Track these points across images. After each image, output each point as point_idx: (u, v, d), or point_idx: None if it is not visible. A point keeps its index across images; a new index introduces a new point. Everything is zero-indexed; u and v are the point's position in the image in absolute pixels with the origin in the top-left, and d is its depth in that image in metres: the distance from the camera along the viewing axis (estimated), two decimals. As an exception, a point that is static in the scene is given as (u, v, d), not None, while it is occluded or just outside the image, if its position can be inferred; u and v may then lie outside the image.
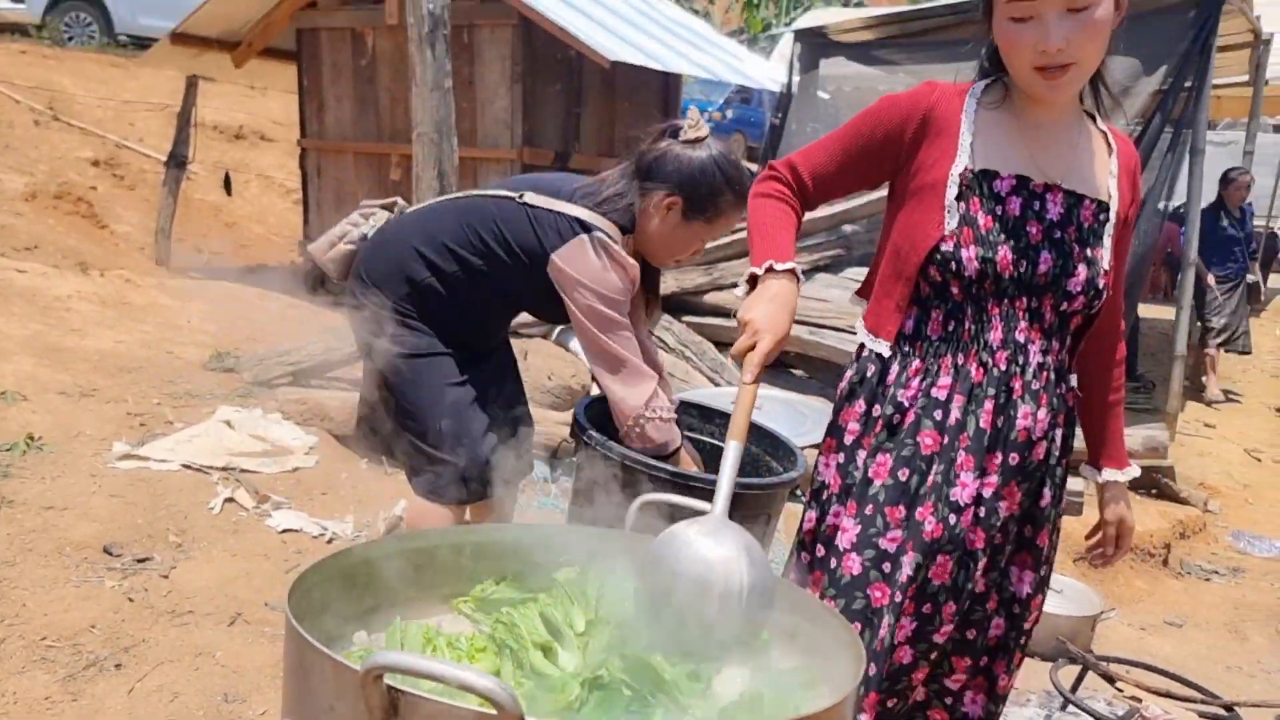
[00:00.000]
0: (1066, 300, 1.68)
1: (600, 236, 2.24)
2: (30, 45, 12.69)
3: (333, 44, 8.58)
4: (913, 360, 1.71)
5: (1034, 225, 1.66)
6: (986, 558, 1.72)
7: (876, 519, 1.69)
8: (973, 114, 1.67)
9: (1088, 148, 1.71)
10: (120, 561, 3.01)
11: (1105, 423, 1.89)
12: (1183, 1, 6.13)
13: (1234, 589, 4.75)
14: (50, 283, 5.86)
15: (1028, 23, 1.55)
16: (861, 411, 1.75)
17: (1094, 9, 1.53)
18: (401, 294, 2.34)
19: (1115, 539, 1.91)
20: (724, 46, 10.17)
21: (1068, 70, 1.57)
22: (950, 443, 1.67)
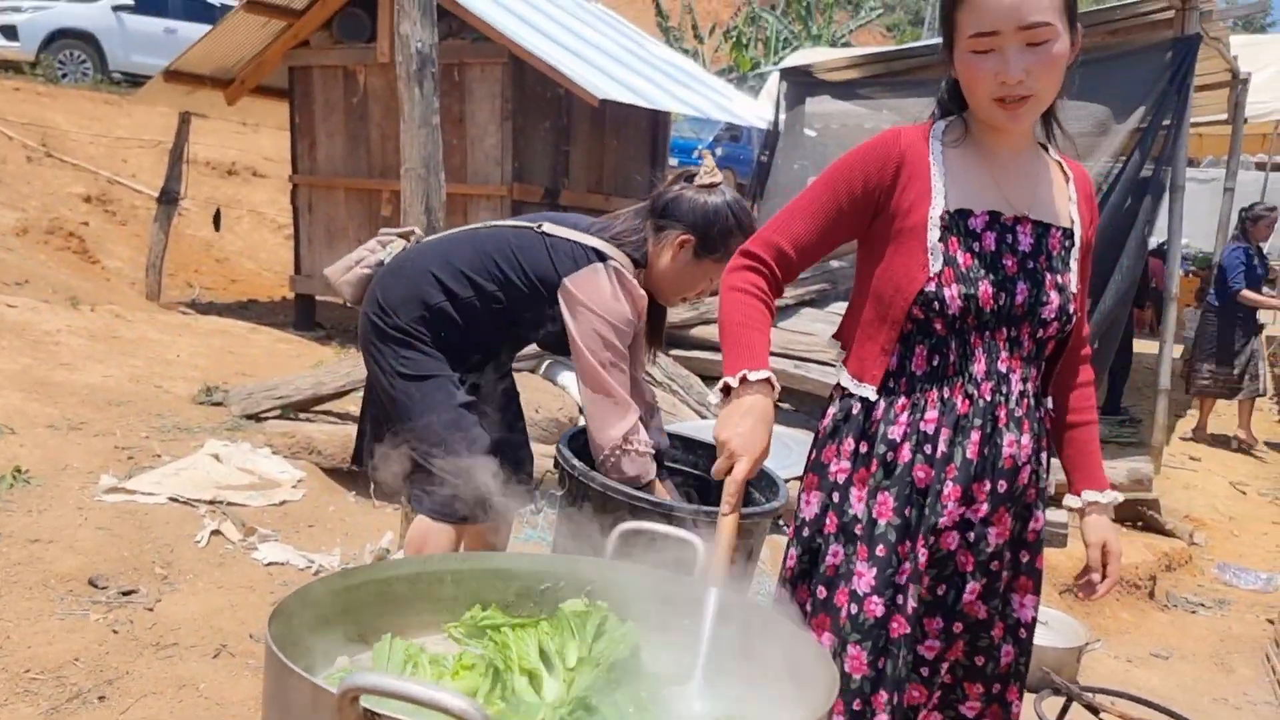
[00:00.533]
0: (1042, 328, 1.72)
1: (615, 266, 2.32)
2: (24, 82, 12.78)
3: (325, 81, 8.67)
4: (899, 397, 1.73)
5: (1009, 258, 1.70)
6: (980, 583, 1.75)
7: (891, 558, 1.70)
8: (939, 155, 1.71)
9: (1047, 177, 1.76)
10: (105, 594, 3.01)
11: (1080, 446, 1.90)
12: (1160, 43, 6.25)
13: (1220, 621, 4.77)
14: (40, 317, 5.88)
15: (988, 55, 1.59)
16: (851, 450, 1.76)
17: (1052, 43, 1.58)
18: (415, 317, 2.39)
19: (1102, 565, 1.86)
20: (712, 85, 10.31)
21: (1026, 101, 1.61)
22: (938, 475, 1.69)
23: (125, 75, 14.20)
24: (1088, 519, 1.87)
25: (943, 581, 1.74)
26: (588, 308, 2.29)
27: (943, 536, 1.70)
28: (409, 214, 3.65)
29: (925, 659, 1.76)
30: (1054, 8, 1.57)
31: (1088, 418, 1.90)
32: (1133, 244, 6.57)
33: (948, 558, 1.72)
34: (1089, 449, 1.90)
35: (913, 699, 1.78)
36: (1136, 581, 4.78)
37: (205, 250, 10.70)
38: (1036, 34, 1.56)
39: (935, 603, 1.74)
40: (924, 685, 1.77)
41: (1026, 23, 1.55)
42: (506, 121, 7.87)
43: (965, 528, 1.71)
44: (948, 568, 1.73)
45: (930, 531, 1.69)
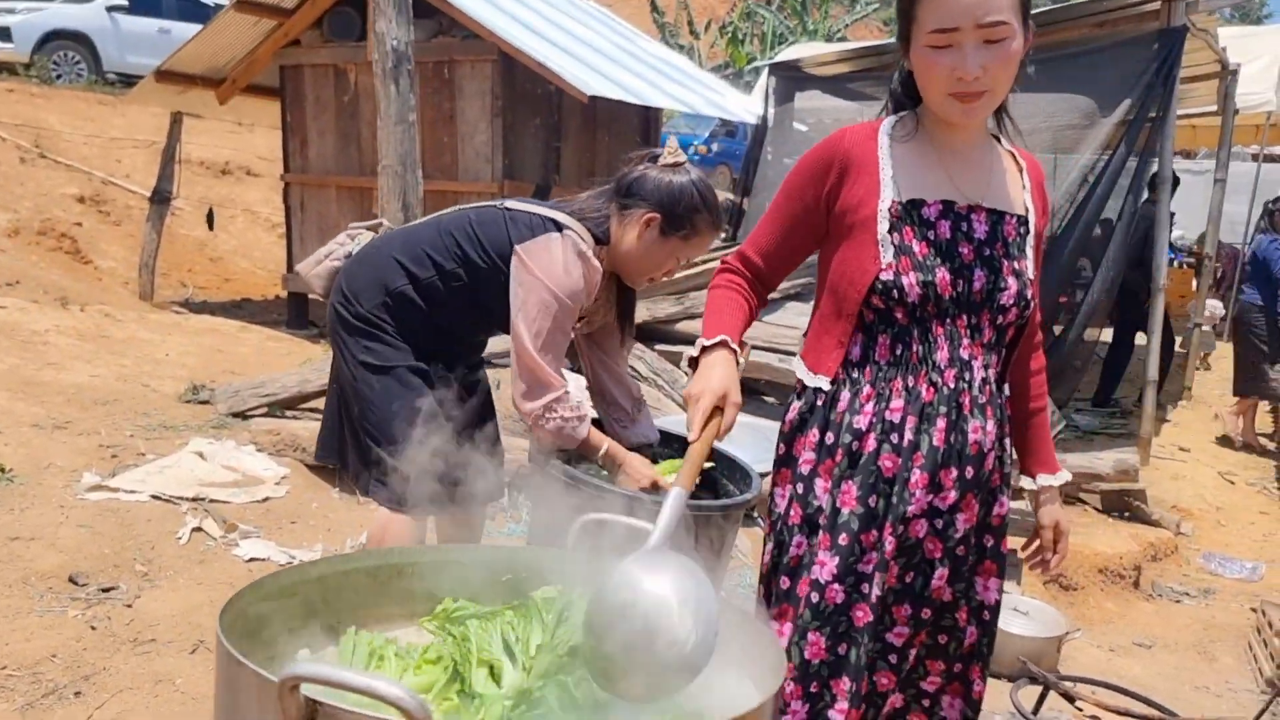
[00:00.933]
0: (1001, 314, 1.75)
1: (571, 236, 2.31)
2: (18, 83, 12.79)
3: (315, 80, 8.68)
4: (863, 386, 1.75)
5: (965, 246, 1.73)
6: (947, 568, 1.77)
7: (854, 547, 1.73)
8: (888, 149, 1.74)
9: (1000, 167, 1.79)
10: (85, 591, 3.03)
11: (1034, 431, 1.95)
12: (1146, 34, 6.25)
13: (1204, 610, 4.78)
14: (29, 317, 5.90)
15: (946, 50, 1.62)
16: (815, 441, 1.79)
17: (1009, 41, 1.61)
18: (377, 303, 2.38)
19: (1053, 543, 1.94)
20: (704, 81, 10.31)
21: (982, 97, 1.64)
22: (905, 463, 1.71)
23: (120, 76, 14.21)
24: (1041, 501, 1.94)
25: (911, 569, 1.76)
26: (535, 276, 2.27)
27: (911, 525, 1.72)
28: (386, 210, 3.67)
29: (894, 646, 1.78)
30: (1011, 7, 1.60)
31: (1040, 404, 1.96)
32: (1119, 236, 6.58)
33: (916, 545, 1.74)
34: (1042, 433, 1.96)
35: (882, 685, 1.79)
36: (1121, 571, 4.79)
37: (199, 250, 10.71)
38: (995, 32, 1.59)
39: (904, 590, 1.76)
40: (893, 672, 1.79)
41: (986, 21, 1.58)
42: (497, 118, 7.88)
43: (934, 515, 1.74)
44: (916, 555, 1.75)
45: (899, 520, 1.71)
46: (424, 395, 2.37)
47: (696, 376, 1.68)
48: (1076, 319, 6.89)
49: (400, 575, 1.75)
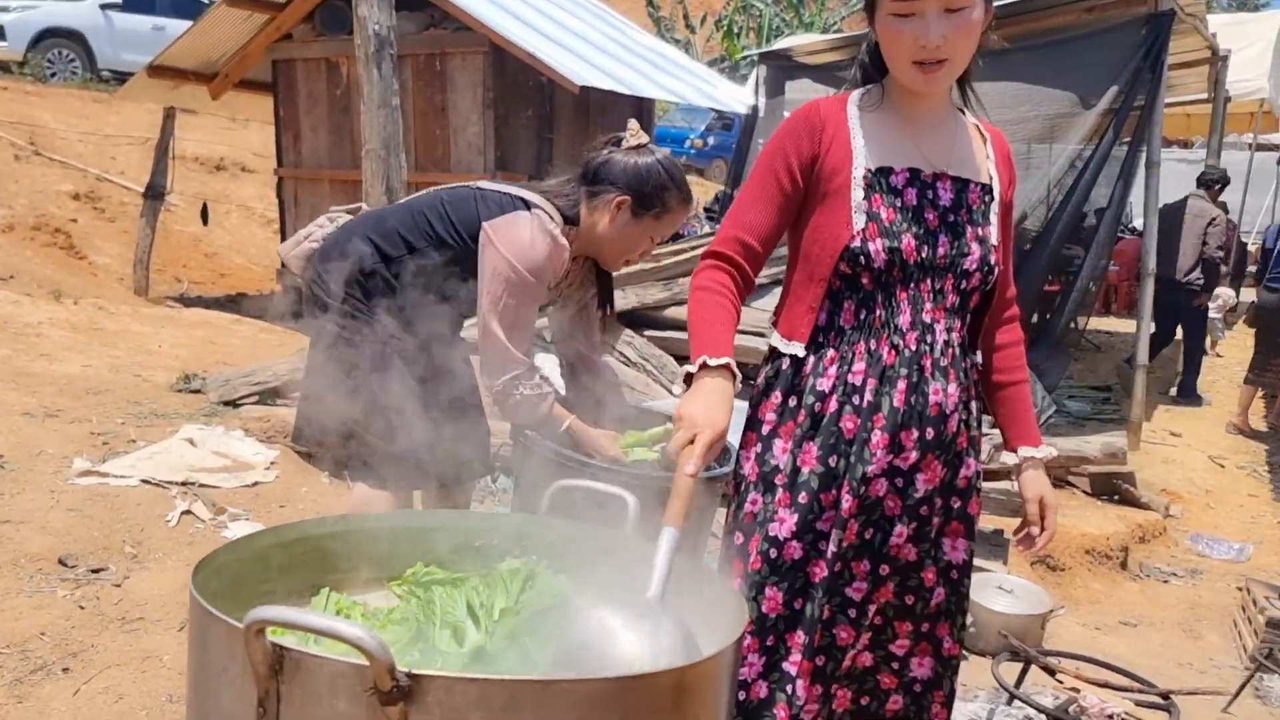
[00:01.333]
0: (965, 279, 1.78)
1: (540, 214, 2.32)
2: (12, 81, 12.82)
3: (308, 74, 8.71)
4: (828, 350, 1.79)
5: (930, 212, 1.76)
6: (909, 527, 1.80)
7: (813, 505, 1.77)
8: (856, 119, 1.78)
9: (965, 137, 1.83)
10: (75, 573, 3.06)
11: (1013, 405, 1.96)
12: (1134, 19, 6.27)
13: (1191, 590, 4.82)
14: (22, 310, 5.93)
15: (909, 19, 1.66)
16: (778, 403, 1.83)
17: (970, 10, 1.65)
18: (350, 281, 2.39)
19: (1040, 518, 1.92)
20: (695, 72, 10.33)
21: (943, 65, 1.68)
22: (864, 423, 1.75)
23: (114, 73, 14.22)
24: (1024, 474, 1.93)
25: (870, 526, 1.79)
26: (501, 252, 2.28)
27: (871, 484, 1.75)
28: (370, 195, 3.70)
29: (853, 601, 1.81)
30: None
31: (1018, 377, 1.96)
32: (1108, 223, 6.62)
33: (875, 504, 1.77)
34: (1021, 407, 1.96)
35: (842, 640, 1.82)
36: (1108, 552, 4.82)
37: (194, 245, 10.74)
38: (955, 0, 1.63)
39: (863, 546, 1.79)
40: (852, 626, 1.82)
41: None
42: (488, 110, 7.91)
43: (894, 475, 1.77)
44: (875, 513, 1.78)
45: (859, 480, 1.74)
46: (401, 370, 2.39)
47: (697, 401, 1.60)
48: (1066, 305, 6.94)
49: (375, 540, 1.78)
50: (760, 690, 1.79)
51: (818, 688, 1.80)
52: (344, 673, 1.15)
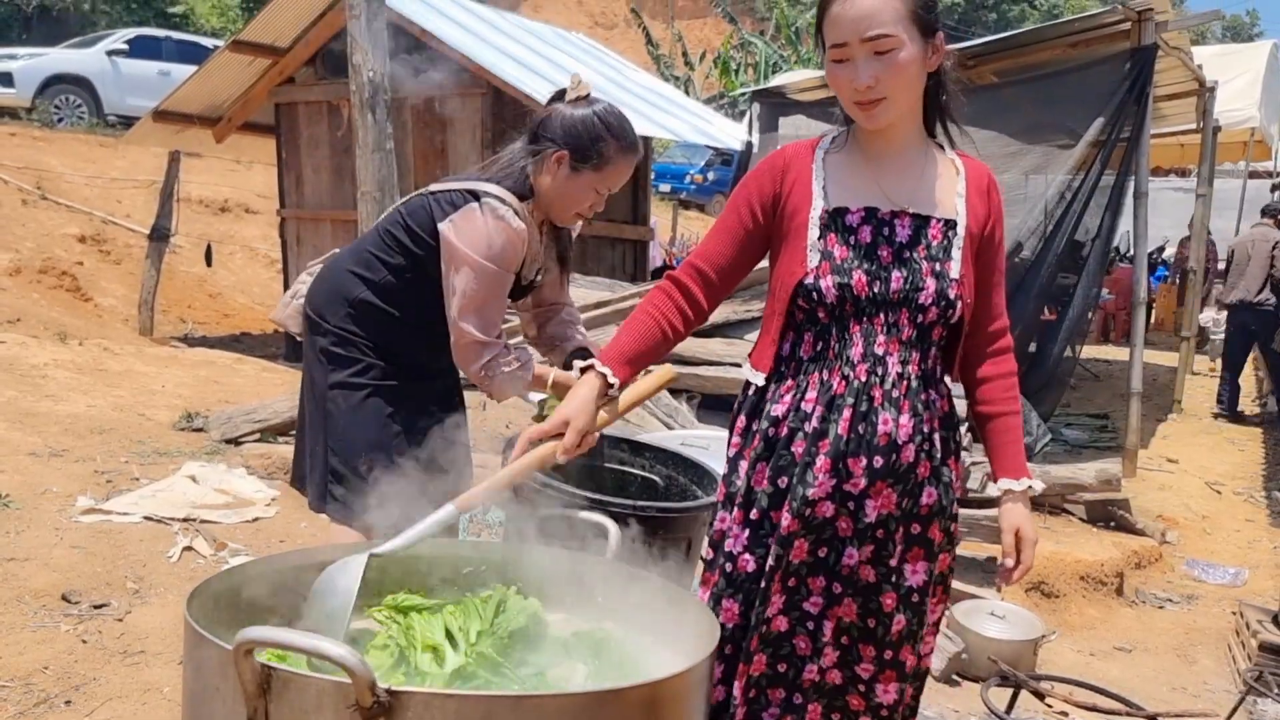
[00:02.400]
0: (921, 313, 1.84)
1: (489, 201, 2.32)
2: (20, 127, 13.02)
3: (310, 117, 8.86)
4: (786, 379, 1.89)
5: (885, 249, 1.84)
6: (863, 550, 1.85)
7: (764, 522, 1.88)
8: (821, 161, 1.88)
9: (932, 173, 1.89)
10: (78, 608, 3.12)
11: (999, 436, 1.99)
12: (1118, 54, 6.39)
13: (1186, 615, 4.84)
14: (28, 352, 6.02)
15: (844, 64, 1.77)
16: (743, 427, 1.95)
17: (897, 52, 1.74)
18: (342, 315, 2.43)
19: (1016, 550, 1.94)
20: (691, 109, 10.49)
21: (880, 104, 1.77)
22: (810, 448, 1.83)
23: (120, 118, 14.45)
24: (1004, 506, 1.97)
25: (823, 544, 1.86)
26: (459, 249, 2.31)
27: (817, 506, 1.83)
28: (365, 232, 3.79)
29: (810, 614, 1.89)
30: (897, 20, 1.72)
31: (1005, 408, 1.99)
32: (1098, 253, 6.70)
33: (825, 524, 1.84)
34: (1007, 439, 1.98)
35: (801, 650, 1.89)
36: (1103, 578, 4.85)
37: (198, 286, 10.87)
38: (880, 44, 1.72)
39: (817, 564, 1.87)
40: (809, 637, 1.89)
41: (868, 35, 1.72)
42: (487, 150, 8.01)
43: (844, 499, 1.84)
44: (826, 532, 1.85)
45: (801, 502, 1.81)
46: (390, 411, 2.42)
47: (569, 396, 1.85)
48: (1065, 335, 7.00)
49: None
50: (719, 693, 1.88)
51: (780, 692, 1.87)
52: (328, 690, 1.21)
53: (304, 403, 2.62)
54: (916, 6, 1.75)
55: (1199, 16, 8.25)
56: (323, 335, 2.47)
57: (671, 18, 37.00)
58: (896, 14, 1.72)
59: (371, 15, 3.78)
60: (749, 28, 31.98)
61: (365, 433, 2.43)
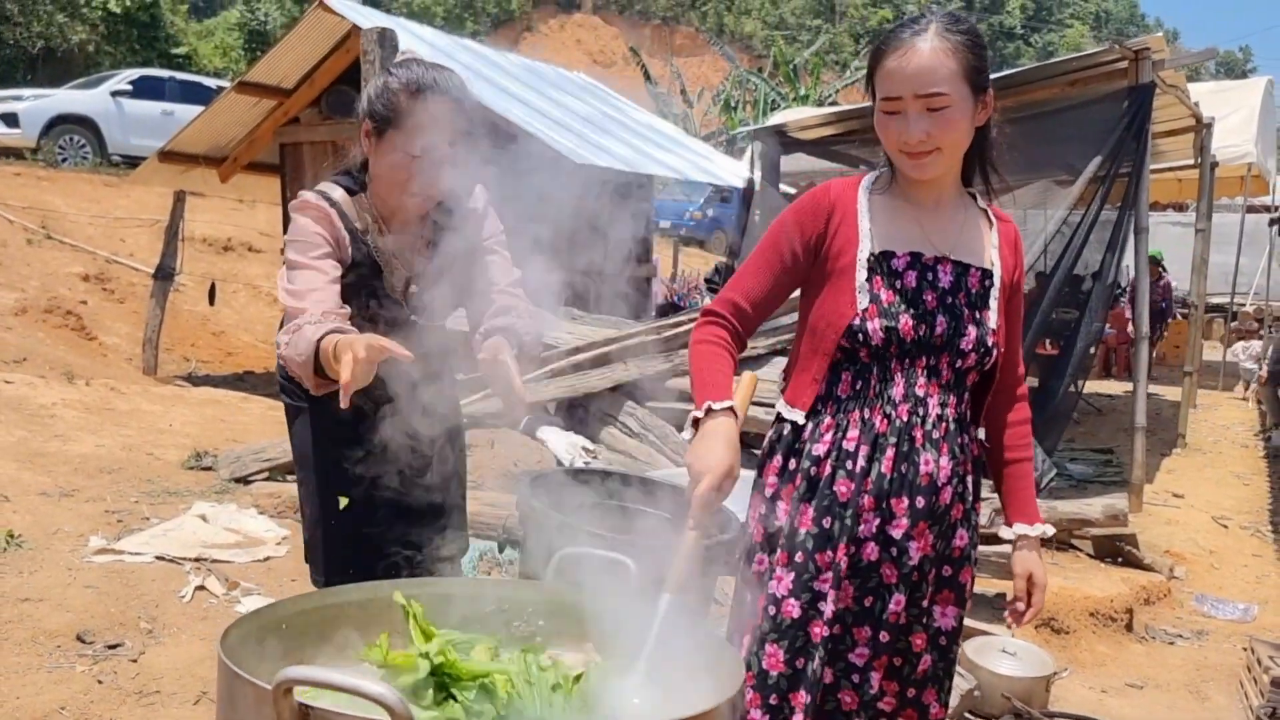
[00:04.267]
0: (961, 358, 1.87)
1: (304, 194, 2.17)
2: (25, 167, 13.12)
3: (314, 156, 8.94)
4: (825, 418, 1.89)
5: (930, 294, 1.87)
6: (904, 594, 1.87)
7: (809, 565, 1.85)
8: (866, 202, 1.90)
9: (971, 224, 1.93)
10: (92, 648, 3.12)
11: (1014, 482, 2.03)
12: (1116, 92, 6.47)
13: (1197, 651, 4.82)
14: (36, 392, 6.04)
15: (895, 116, 1.80)
16: (779, 466, 1.93)
17: (950, 109, 1.77)
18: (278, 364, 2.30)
19: (1027, 595, 1.98)
20: (691, 147, 10.58)
21: (930, 155, 1.80)
22: (857, 488, 1.84)
23: (124, 157, 14.57)
24: (1017, 552, 2.00)
25: (869, 593, 1.86)
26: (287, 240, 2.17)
27: (862, 547, 1.83)
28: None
29: (856, 666, 1.88)
30: (951, 78, 1.76)
31: (1021, 455, 2.03)
32: (1100, 289, 6.74)
33: (871, 569, 1.84)
34: (1022, 484, 2.03)
35: (846, 705, 1.89)
36: (1113, 614, 4.84)
37: (202, 325, 10.90)
38: (934, 101, 1.76)
39: (863, 613, 1.87)
40: (855, 691, 1.88)
41: (924, 92, 1.76)
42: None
43: (887, 543, 1.84)
44: (872, 579, 1.85)
45: (851, 540, 1.82)
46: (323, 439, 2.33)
47: (699, 445, 1.72)
48: (1067, 370, 7.03)
49: (390, 607, 1.85)
50: None
51: None
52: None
53: None
54: (970, 66, 1.79)
55: (1195, 55, 8.35)
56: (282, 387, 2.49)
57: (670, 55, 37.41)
58: (951, 73, 1.76)
59: (385, 59, 3.85)
60: (747, 65, 32.32)
61: (321, 480, 2.39)
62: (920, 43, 1.76)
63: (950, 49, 1.77)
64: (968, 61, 1.78)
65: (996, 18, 47.90)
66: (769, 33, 43.80)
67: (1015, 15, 48.71)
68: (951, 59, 1.76)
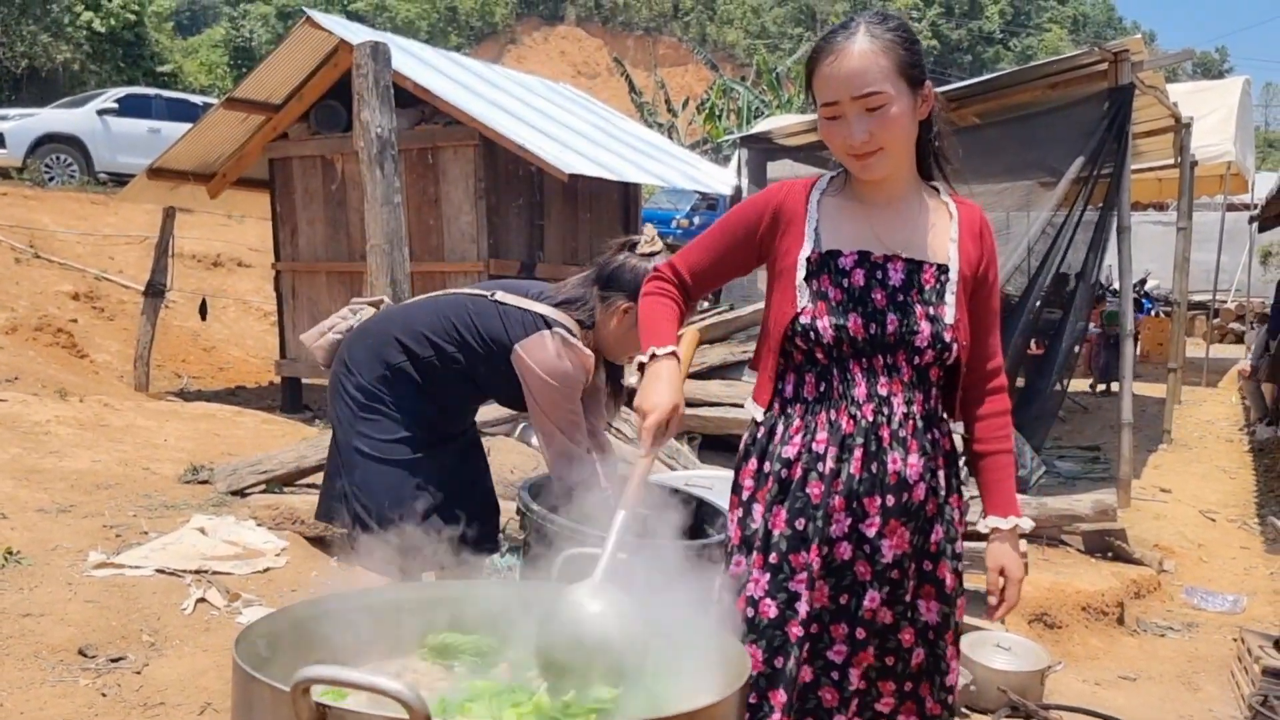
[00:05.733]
0: (917, 355, 1.90)
1: (560, 331, 2.53)
2: (11, 187, 13.10)
3: (304, 171, 8.97)
4: (794, 420, 1.93)
5: (879, 292, 1.89)
6: (881, 592, 1.90)
7: (783, 565, 1.89)
8: (817, 203, 1.94)
9: (926, 219, 1.96)
10: (95, 662, 3.13)
11: (990, 474, 2.04)
12: (1097, 94, 6.56)
13: (1188, 643, 4.88)
14: (30, 409, 6.04)
15: (837, 120, 1.84)
16: (754, 469, 1.97)
17: (889, 107, 1.81)
18: (376, 376, 2.58)
19: (1000, 588, 1.99)
20: (679, 156, 10.65)
21: (876, 154, 1.84)
22: (828, 489, 1.88)
23: (111, 175, 14.57)
24: (991, 545, 2.01)
25: (844, 591, 1.90)
26: (537, 373, 2.51)
27: (835, 546, 1.87)
28: (375, 286, 3.88)
29: (835, 663, 1.91)
30: (885, 76, 1.79)
31: (997, 447, 2.04)
32: (1084, 288, 6.82)
33: (844, 567, 1.88)
34: (998, 476, 2.03)
35: (827, 701, 1.92)
36: (1104, 608, 4.90)
37: (193, 340, 10.90)
38: (871, 101, 1.79)
39: (839, 610, 1.90)
40: (835, 688, 1.92)
41: (860, 93, 1.79)
42: (480, 200, 8.15)
43: (860, 540, 1.88)
44: (846, 577, 1.89)
45: (824, 541, 1.86)
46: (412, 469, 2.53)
47: (644, 389, 1.86)
48: (1053, 369, 7.11)
49: (399, 610, 1.89)
50: None
51: None
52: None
53: (333, 440, 2.73)
54: (903, 61, 1.81)
55: (1173, 56, 8.44)
56: (351, 382, 2.61)
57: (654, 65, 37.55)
58: (884, 71, 1.78)
59: (378, 73, 3.91)
60: (730, 74, 32.46)
61: (386, 484, 2.53)
62: (851, 45, 1.80)
63: (881, 48, 1.80)
64: (900, 57, 1.81)
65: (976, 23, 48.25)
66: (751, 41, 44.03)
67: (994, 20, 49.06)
68: (883, 57, 1.79)
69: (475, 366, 2.60)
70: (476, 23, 46.52)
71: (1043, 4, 52.62)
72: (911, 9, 44.18)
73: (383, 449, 2.57)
